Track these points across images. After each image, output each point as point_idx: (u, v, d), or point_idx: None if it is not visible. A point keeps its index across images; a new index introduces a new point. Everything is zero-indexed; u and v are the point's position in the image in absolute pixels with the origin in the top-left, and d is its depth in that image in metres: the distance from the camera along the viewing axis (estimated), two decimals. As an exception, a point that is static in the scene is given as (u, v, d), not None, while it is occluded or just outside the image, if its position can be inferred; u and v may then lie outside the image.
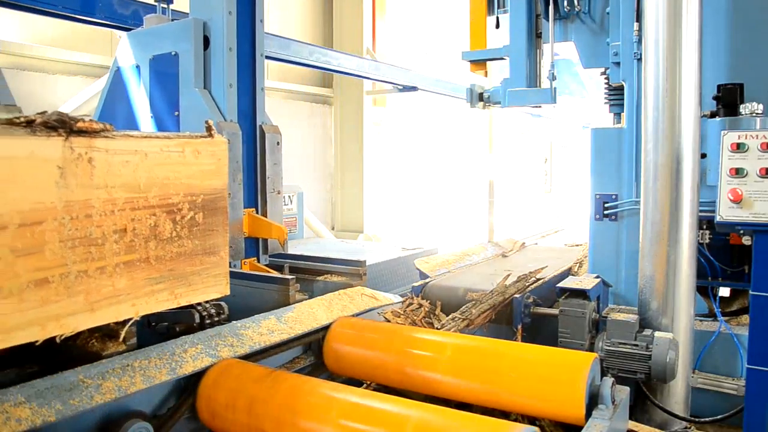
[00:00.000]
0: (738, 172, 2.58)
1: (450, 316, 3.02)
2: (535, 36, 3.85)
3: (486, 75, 4.55)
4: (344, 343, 2.45)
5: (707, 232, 3.12)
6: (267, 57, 6.07)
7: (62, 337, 1.56)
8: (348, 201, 10.18)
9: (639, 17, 3.15)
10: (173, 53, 3.30)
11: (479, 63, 4.37)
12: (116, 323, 1.81)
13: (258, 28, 3.52)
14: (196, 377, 2.03)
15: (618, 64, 3.35)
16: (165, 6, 3.91)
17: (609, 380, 1.89)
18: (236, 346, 2.20)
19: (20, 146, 1.43)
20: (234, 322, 2.38)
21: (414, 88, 9.13)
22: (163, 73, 3.37)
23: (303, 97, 10.45)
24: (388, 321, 2.94)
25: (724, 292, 3.61)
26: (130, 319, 1.82)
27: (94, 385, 1.75)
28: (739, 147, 2.60)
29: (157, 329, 2.38)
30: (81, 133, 1.56)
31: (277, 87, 9.91)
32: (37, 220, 1.46)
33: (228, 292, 2.01)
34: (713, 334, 3.24)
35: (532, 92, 3.84)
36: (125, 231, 1.68)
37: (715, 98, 2.90)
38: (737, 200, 2.57)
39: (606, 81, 3.66)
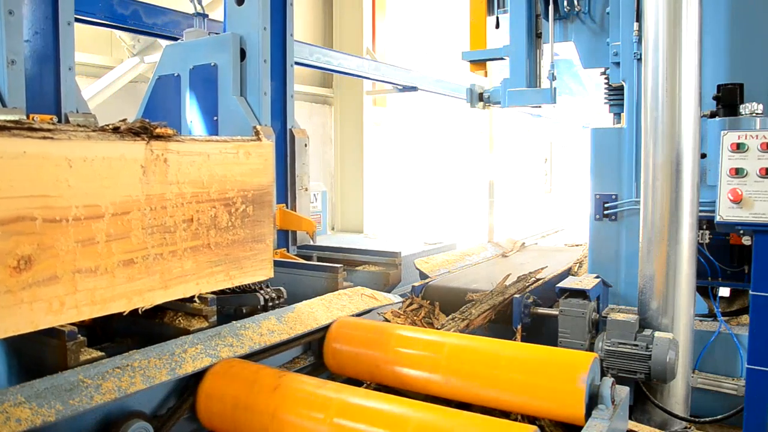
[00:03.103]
0: (738, 172, 2.58)
1: (450, 316, 3.02)
2: (535, 36, 3.85)
3: (486, 75, 4.55)
4: (344, 343, 2.45)
5: (707, 232, 3.12)
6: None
7: (143, 310, 1.88)
8: (348, 201, 10.18)
9: (639, 17, 3.15)
10: (212, 64, 3.67)
11: (479, 63, 4.37)
12: (200, 304, 2.30)
13: (288, 41, 3.91)
14: (196, 377, 2.03)
15: (618, 64, 3.35)
16: (202, 20, 4.36)
17: (609, 380, 1.89)
18: (236, 346, 2.20)
19: (113, 149, 1.73)
20: (234, 322, 2.38)
21: (414, 88, 9.14)
22: (203, 82, 3.70)
23: (303, 97, 10.45)
24: (388, 321, 2.94)
25: (724, 292, 3.61)
26: (212, 299, 2.31)
27: (94, 385, 1.75)
28: (739, 147, 2.60)
29: (224, 311, 2.55)
30: (159, 137, 1.87)
31: (277, 87, 9.90)
32: (126, 210, 1.78)
33: (272, 275, 2.33)
34: (713, 334, 3.24)
35: (532, 92, 3.84)
36: (191, 221, 2.00)
37: (715, 98, 2.90)
38: (737, 200, 2.57)
39: (606, 81, 3.66)
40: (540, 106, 4.21)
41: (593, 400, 1.89)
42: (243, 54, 3.67)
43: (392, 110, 11.03)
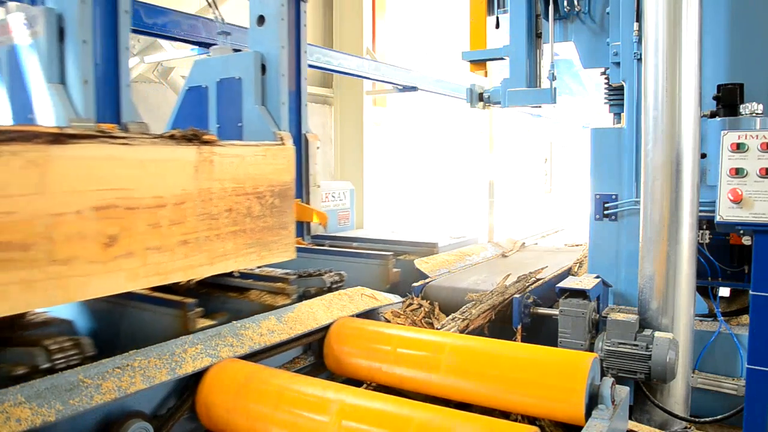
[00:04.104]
0: (738, 172, 2.58)
1: (450, 317, 3.02)
2: (535, 36, 3.85)
3: (486, 75, 4.54)
4: (344, 344, 2.45)
5: (707, 232, 3.12)
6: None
7: (192, 282, 2.38)
8: (348, 201, 10.17)
9: (639, 17, 3.15)
10: (237, 77, 4.18)
11: (479, 63, 4.36)
12: (283, 284, 2.82)
13: (302, 58, 4.50)
14: (196, 377, 2.03)
15: (618, 64, 3.35)
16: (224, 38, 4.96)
17: (609, 380, 1.89)
18: (236, 346, 2.20)
19: (173, 152, 2.20)
20: (234, 322, 2.38)
21: (414, 88, 9.13)
22: (229, 93, 4.23)
23: (303, 97, 10.43)
24: (388, 321, 2.94)
25: (724, 292, 3.60)
26: (293, 280, 2.83)
27: (94, 385, 1.75)
28: (739, 147, 2.60)
29: (288, 292, 2.86)
30: (206, 142, 2.31)
31: (277, 87, 9.90)
32: (182, 201, 2.24)
33: (295, 257, 2.81)
34: (713, 334, 3.24)
35: (532, 92, 3.83)
36: (231, 210, 2.46)
37: (715, 98, 2.90)
38: (737, 200, 2.57)
39: (606, 81, 3.66)
40: (540, 106, 4.21)
41: (593, 400, 1.89)
42: (264, 68, 4.22)
43: (392, 110, 11.03)
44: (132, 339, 2.47)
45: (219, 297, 2.78)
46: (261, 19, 4.15)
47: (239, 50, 4.59)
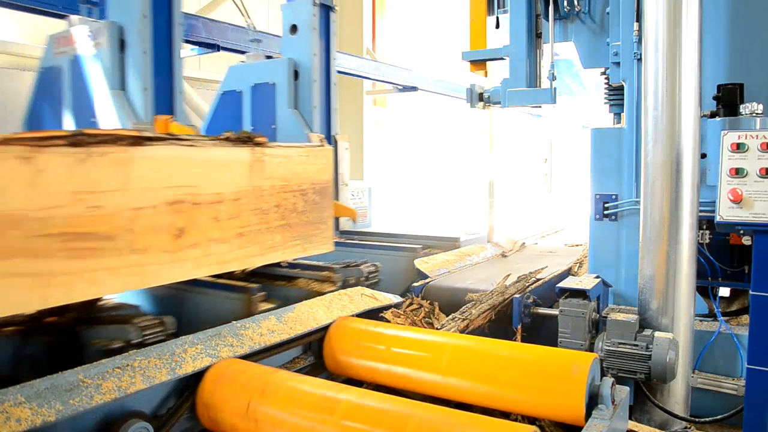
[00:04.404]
0: (738, 172, 2.58)
1: (450, 317, 3.02)
2: (535, 36, 3.85)
3: (486, 75, 4.54)
4: (344, 344, 2.45)
5: (707, 232, 3.12)
6: (267, 57, 6.19)
7: (246, 271, 2.82)
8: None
9: (639, 17, 3.15)
10: (271, 83, 4.45)
11: (479, 63, 4.36)
12: (329, 272, 3.10)
13: (332, 64, 4.64)
14: (196, 377, 2.03)
15: (618, 64, 3.35)
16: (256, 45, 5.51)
17: (609, 380, 1.89)
18: (236, 346, 2.20)
19: (230, 153, 2.43)
20: (234, 321, 2.38)
21: (414, 88, 9.13)
22: (263, 97, 4.50)
23: (303, 97, 10.42)
24: (388, 321, 2.94)
25: (724, 292, 3.60)
26: (338, 269, 3.13)
27: (94, 385, 1.75)
28: (739, 147, 2.60)
29: (333, 280, 3.15)
30: (258, 144, 2.54)
31: (277, 87, 9.89)
32: (238, 197, 2.47)
33: (333, 249, 3.08)
34: (713, 334, 3.24)
35: (532, 92, 3.83)
36: (279, 206, 2.68)
37: (715, 98, 2.90)
38: (737, 200, 2.57)
39: (606, 81, 3.66)
40: (540, 106, 4.21)
41: (593, 400, 1.89)
42: (296, 74, 4.46)
43: (392, 110, 11.03)
44: (195, 322, 2.64)
45: (268, 285, 3.01)
46: (294, 28, 4.42)
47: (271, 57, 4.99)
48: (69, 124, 3.72)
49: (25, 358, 2.36)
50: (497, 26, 4.13)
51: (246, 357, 2.19)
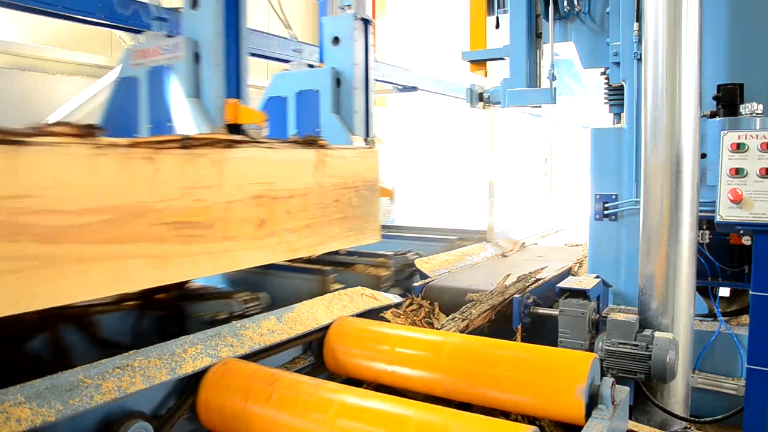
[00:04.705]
0: (738, 172, 2.58)
1: (450, 317, 3.02)
2: (535, 36, 3.85)
3: (486, 75, 4.54)
4: (344, 343, 2.45)
5: (707, 232, 3.12)
6: (267, 57, 6.36)
7: (311, 257, 2.98)
8: (348, 201, 10.17)
9: (639, 17, 3.15)
10: (315, 90, 4.83)
11: (479, 63, 4.37)
12: (384, 259, 3.68)
13: (370, 73, 5.01)
14: (196, 377, 2.03)
15: (618, 64, 3.35)
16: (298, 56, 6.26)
17: (609, 380, 1.89)
18: (236, 346, 2.20)
19: (300, 154, 2.81)
20: (234, 321, 2.38)
21: (414, 88, 9.13)
22: (307, 103, 4.92)
23: (303, 97, 10.40)
24: (388, 321, 2.94)
25: (724, 292, 3.60)
26: (392, 256, 3.72)
27: (94, 385, 1.75)
28: (739, 147, 2.60)
29: (388, 265, 3.67)
30: (321, 146, 2.89)
31: (277, 87, 9.88)
32: (306, 192, 2.81)
33: (380, 239, 3.40)
34: (713, 334, 3.24)
35: (532, 92, 3.83)
36: (338, 201, 3.03)
37: (715, 98, 2.90)
38: (737, 200, 2.57)
39: (606, 81, 3.66)
40: (540, 106, 4.21)
41: (593, 400, 1.89)
42: (339, 82, 4.86)
43: (392, 110, 11.03)
44: (280, 299, 3.00)
45: (330, 271, 3.42)
46: (336, 40, 4.84)
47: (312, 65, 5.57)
48: (146, 128, 4.05)
49: (141, 328, 2.85)
50: (497, 26, 4.13)
51: (246, 357, 2.19)
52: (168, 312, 2.91)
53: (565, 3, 3.61)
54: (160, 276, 2.15)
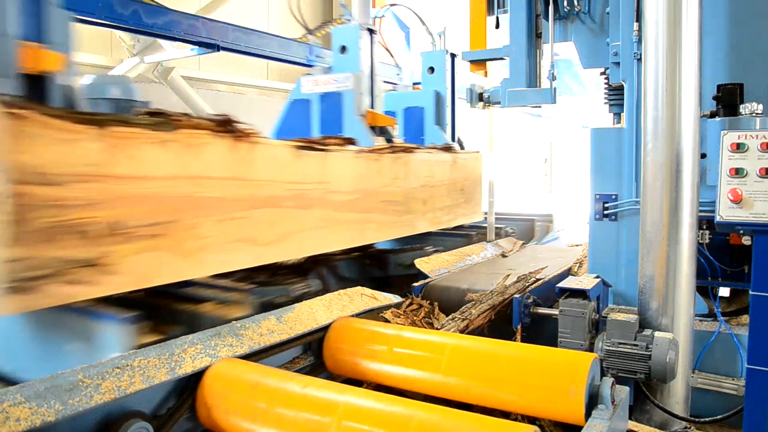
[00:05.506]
0: (738, 172, 2.58)
1: (450, 317, 3.02)
2: (535, 36, 3.85)
3: (486, 75, 4.55)
4: (344, 344, 2.45)
5: (707, 232, 3.12)
6: (267, 57, 6.41)
7: (447, 229, 4.67)
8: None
9: (639, 17, 3.15)
10: (420, 106, 6.07)
11: (479, 63, 4.37)
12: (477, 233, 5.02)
13: (455, 94, 6.20)
14: (196, 377, 2.03)
15: (618, 64, 3.35)
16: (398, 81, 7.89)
17: (609, 380, 1.89)
18: (235, 346, 2.20)
19: (443, 156, 4.42)
20: (233, 321, 2.38)
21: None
22: (414, 117, 6.12)
23: (303, 97, 10.37)
24: (388, 321, 2.94)
25: (724, 292, 3.60)
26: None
27: (93, 385, 1.74)
28: (739, 147, 2.60)
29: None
30: (453, 151, 4.62)
31: (277, 87, 9.90)
32: (446, 183, 4.40)
33: (482, 218, 5.04)
34: (713, 334, 3.24)
35: (532, 92, 3.83)
36: (462, 190, 4.63)
37: (715, 98, 2.90)
38: (737, 200, 2.57)
39: (606, 81, 3.66)
40: (540, 106, 4.21)
41: (593, 400, 1.88)
42: (439, 100, 6.06)
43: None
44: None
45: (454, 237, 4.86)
46: (431, 69, 6.16)
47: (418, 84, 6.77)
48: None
49: (362, 271, 3.88)
50: (497, 26, 4.13)
51: (246, 357, 2.19)
52: (377, 261, 4.02)
53: (565, 3, 3.61)
54: (379, 235, 3.61)
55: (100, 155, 2.10)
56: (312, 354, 2.54)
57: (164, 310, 2.66)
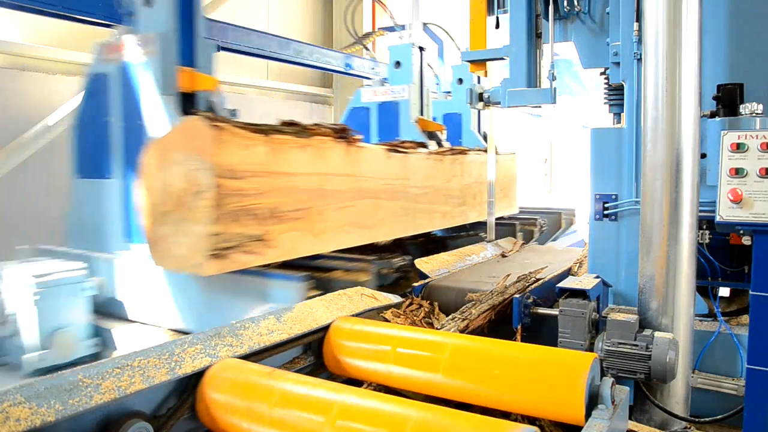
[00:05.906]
0: (738, 172, 2.58)
1: (450, 317, 3.02)
2: (535, 36, 3.84)
3: (486, 75, 4.55)
4: (344, 344, 2.45)
5: (707, 232, 3.12)
6: (267, 57, 6.43)
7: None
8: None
9: (639, 17, 3.15)
10: (458, 113, 7.00)
11: (479, 63, 4.37)
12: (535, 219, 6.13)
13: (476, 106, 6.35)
14: (196, 377, 2.03)
15: (618, 64, 3.35)
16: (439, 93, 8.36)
17: (609, 380, 1.89)
18: (235, 346, 2.20)
19: (484, 157, 5.26)
20: (233, 321, 2.38)
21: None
22: (453, 122, 6.97)
23: (303, 97, 10.45)
24: (388, 321, 2.94)
25: (724, 292, 3.60)
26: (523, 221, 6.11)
27: (93, 385, 1.75)
28: (739, 147, 2.60)
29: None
30: (497, 153, 5.40)
31: (277, 87, 9.90)
32: (482, 181, 5.35)
33: (518, 211, 6.30)
34: (713, 334, 3.24)
35: (532, 92, 3.83)
36: (502, 186, 5.69)
37: (715, 98, 2.90)
38: (737, 200, 2.57)
39: (606, 81, 3.66)
40: (540, 106, 4.21)
41: (593, 400, 1.88)
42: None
43: (392, 110, 11.00)
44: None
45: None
46: (460, 80, 7.03)
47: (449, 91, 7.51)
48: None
49: (426, 253, 4.20)
50: (497, 26, 4.13)
51: (245, 357, 2.19)
52: (439, 245, 4.77)
53: (565, 3, 3.61)
54: (443, 223, 4.60)
55: (266, 156, 2.88)
56: (312, 354, 2.54)
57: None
